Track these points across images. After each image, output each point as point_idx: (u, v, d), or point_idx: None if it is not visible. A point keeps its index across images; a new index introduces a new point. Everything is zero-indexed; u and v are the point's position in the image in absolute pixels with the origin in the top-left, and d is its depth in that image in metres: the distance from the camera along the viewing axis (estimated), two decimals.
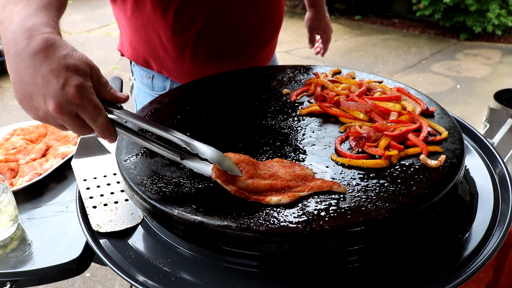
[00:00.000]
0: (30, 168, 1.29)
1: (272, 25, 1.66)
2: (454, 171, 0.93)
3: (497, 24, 6.71)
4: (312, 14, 2.03)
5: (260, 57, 1.68)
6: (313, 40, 2.10)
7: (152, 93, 1.70)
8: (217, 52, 1.55)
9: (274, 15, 1.64)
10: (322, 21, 2.03)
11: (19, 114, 5.16)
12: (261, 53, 1.67)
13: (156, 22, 1.46)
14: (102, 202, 1.05)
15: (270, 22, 1.63)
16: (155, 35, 1.50)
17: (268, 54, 1.73)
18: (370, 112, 1.12)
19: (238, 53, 1.59)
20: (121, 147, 1.09)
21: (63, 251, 1.03)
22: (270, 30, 1.65)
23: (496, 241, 0.90)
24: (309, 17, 2.05)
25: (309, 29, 2.08)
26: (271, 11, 1.61)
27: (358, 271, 0.85)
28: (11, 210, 1.09)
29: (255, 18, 1.56)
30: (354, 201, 0.85)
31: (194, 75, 1.56)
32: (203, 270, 0.88)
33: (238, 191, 0.86)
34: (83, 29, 8.18)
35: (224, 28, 1.51)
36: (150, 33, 1.50)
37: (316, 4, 2.01)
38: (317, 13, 2.02)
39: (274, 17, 1.64)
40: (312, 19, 2.04)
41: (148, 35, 1.51)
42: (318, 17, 2.02)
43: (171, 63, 1.56)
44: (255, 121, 1.18)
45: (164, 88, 1.67)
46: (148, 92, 1.71)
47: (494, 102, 2.61)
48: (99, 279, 2.81)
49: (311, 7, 2.02)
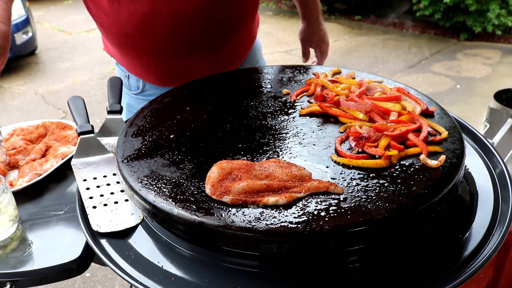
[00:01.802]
0: (30, 169, 1.29)
1: (229, 24, 1.55)
2: (454, 171, 0.93)
3: (497, 24, 6.71)
4: (305, 26, 1.91)
5: (222, 55, 1.60)
6: (306, 54, 1.97)
7: (129, 92, 1.71)
8: (166, 46, 1.49)
9: (231, 14, 1.53)
10: (315, 34, 1.90)
11: (19, 114, 5.16)
12: (220, 51, 1.58)
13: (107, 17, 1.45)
14: (102, 202, 1.05)
15: (225, 20, 1.53)
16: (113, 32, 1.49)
17: (233, 53, 1.65)
18: (370, 112, 1.12)
19: (191, 49, 1.52)
20: (121, 147, 1.09)
21: (63, 251, 1.03)
22: (224, 29, 1.55)
23: (496, 241, 0.90)
24: (302, 29, 1.93)
25: (301, 42, 1.96)
26: (225, 9, 1.50)
27: (358, 271, 0.85)
28: (11, 210, 1.09)
29: (204, 16, 1.46)
30: (354, 201, 0.85)
31: (156, 70, 1.55)
32: (203, 270, 0.88)
33: (234, 199, 0.86)
34: (83, 29, 8.18)
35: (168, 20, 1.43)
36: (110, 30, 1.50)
37: (310, 16, 1.88)
38: (310, 25, 1.90)
39: (230, 16, 1.54)
40: (305, 32, 1.92)
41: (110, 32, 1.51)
42: (311, 29, 1.90)
43: (130, 58, 1.56)
44: (255, 121, 1.18)
45: (138, 87, 1.67)
46: (126, 91, 1.73)
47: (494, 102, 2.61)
48: (99, 279, 2.81)
49: (304, 18, 1.90)
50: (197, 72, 1.55)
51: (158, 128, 1.17)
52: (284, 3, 9.87)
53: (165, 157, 1.04)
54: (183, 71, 1.56)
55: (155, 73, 1.60)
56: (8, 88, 5.94)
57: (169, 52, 1.51)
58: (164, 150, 1.06)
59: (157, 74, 1.61)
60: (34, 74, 6.42)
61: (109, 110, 1.36)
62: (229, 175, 0.91)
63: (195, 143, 1.09)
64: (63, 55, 7.12)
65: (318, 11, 1.89)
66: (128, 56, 1.58)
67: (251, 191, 0.87)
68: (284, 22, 8.50)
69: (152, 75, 1.62)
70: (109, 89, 1.42)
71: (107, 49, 1.71)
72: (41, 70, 6.55)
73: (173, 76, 1.59)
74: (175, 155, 1.04)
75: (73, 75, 6.31)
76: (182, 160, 1.02)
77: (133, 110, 1.72)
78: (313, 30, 1.90)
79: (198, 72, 1.55)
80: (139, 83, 1.67)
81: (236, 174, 0.91)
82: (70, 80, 6.13)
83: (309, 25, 1.90)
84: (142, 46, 1.50)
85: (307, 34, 1.92)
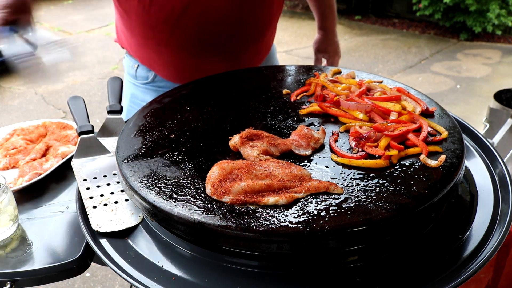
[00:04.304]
0: (30, 168, 1.29)
1: (255, 28, 1.58)
2: (454, 171, 0.93)
3: (497, 24, 6.71)
4: (321, 36, 1.97)
5: (243, 58, 1.62)
6: (319, 63, 2.03)
7: (135, 82, 1.71)
8: (192, 43, 1.51)
9: (258, 18, 1.57)
10: (330, 45, 1.96)
11: (19, 114, 5.16)
12: (242, 54, 1.61)
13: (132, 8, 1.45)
14: (102, 202, 1.05)
15: (252, 24, 1.56)
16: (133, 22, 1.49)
17: (253, 57, 1.67)
18: (370, 112, 1.12)
19: (215, 48, 1.54)
20: (121, 147, 1.09)
21: (63, 251, 1.03)
22: (251, 32, 1.58)
23: (496, 241, 0.90)
24: (317, 39, 1.98)
25: (315, 51, 2.01)
26: (254, 12, 1.54)
27: (358, 271, 0.85)
28: (11, 210, 1.09)
29: (234, 16, 1.49)
30: (354, 201, 0.85)
31: (175, 65, 1.54)
32: (203, 270, 0.88)
33: (235, 199, 0.86)
34: (83, 29, 8.18)
35: (200, 19, 1.45)
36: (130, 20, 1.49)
37: (327, 28, 1.94)
38: (326, 36, 1.96)
39: (258, 20, 1.58)
40: (320, 42, 1.97)
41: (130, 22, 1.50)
42: (326, 40, 1.96)
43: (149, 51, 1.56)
44: (255, 121, 1.18)
45: (147, 77, 1.67)
46: (131, 81, 1.72)
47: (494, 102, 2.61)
48: (99, 279, 2.81)
49: (320, 29, 1.96)
50: (212, 73, 1.55)
51: (158, 128, 1.17)
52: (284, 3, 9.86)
53: (165, 157, 1.04)
54: (200, 70, 1.55)
55: (173, 68, 1.60)
56: (8, 88, 5.94)
57: (193, 49, 1.52)
58: (164, 150, 1.06)
59: (174, 70, 1.60)
60: None
61: (109, 110, 1.36)
62: (229, 175, 0.91)
63: (195, 143, 1.09)
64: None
65: (335, 23, 1.94)
66: (148, 49, 1.57)
67: (251, 191, 0.87)
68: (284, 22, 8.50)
69: (168, 70, 1.61)
70: (109, 89, 1.42)
71: (120, 40, 1.70)
72: None
73: (189, 73, 1.59)
74: (175, 155, 1.04)
75: (73, 75, 6.31)
76: (182, 160, 1.02)
77: (136, 101, 1.72)
78: (328, 41, 1.96)
79: (215, 72, 1.55)
80: (149, 73, 1.66)
81: (236, 174, 0.91)
82: (70, 80, 6.13)
83: (325, 36, 1.96)
84: (167, 41, 1.50)
85: (322, 44, 1.98)
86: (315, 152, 1.03)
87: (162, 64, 1.60)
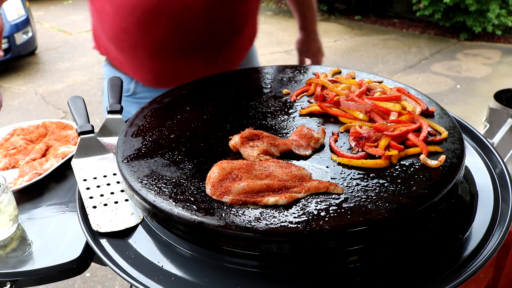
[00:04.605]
0: (30, 168, 1.29)
1: (231, 23, 1.55)
2: (454, 171, 0.93)
3: (497, 24, 6.71)
4: (302, 36, 1.97)
5: (221, 56, 1.59)
6: (302, 63, 2.01)
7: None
8: (168, 44, 1.48)
9: (235, 12, 1.54)
10: (312, 45, 1.96)
11: (19, 114, 5.16)
12: (220, 53, 1.58)
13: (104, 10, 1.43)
14: (102, 202, 1.05)
15: (229, 18, 1.53)
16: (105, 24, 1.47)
17: (232, 55, 1.65)
18: (370, 112, 1.12)
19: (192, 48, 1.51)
20: (121, 147, 1.09)
21: (63, 251, 1.03)
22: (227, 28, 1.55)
23: (496, 241, 0.90)
24: (299, 40, 1.99)
25: (298, 52, 2.01)
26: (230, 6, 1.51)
27: (358, 271, 0.85)
28: (11, 210, 1.09)
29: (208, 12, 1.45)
30: (354, 201, 0.85)
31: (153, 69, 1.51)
32: (203, 270, 0.88)
33: (235, 199, 0.86)
34: (83, 29, 8.18)
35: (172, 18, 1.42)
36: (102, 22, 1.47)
37: (307, 28, 1.94)
38: (307, 36, 1.96)
39: (234, 14, 1.54)
40: (302, 42, 1.98)
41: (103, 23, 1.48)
42: (308, 40, 1.96)
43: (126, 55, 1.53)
44: (255, 121, 1.18)
45: (129, 89, 1.63)
46: None
47: (494, 102, 2.61)
48: (99, 279, 2.81)
49: (301, 29, 1.96)
50: (194, 74, 1.53)
51: (158, 128, 1.17)
52: (284, 3, 9.86)
53: (165, 157, 1.04)
54: (180, 72, 1.54)
55: (151, 72, 1.57)
56: (8, 88, 5.94)
57: (170, 51, 1.49)
58: (164, 150, 1.06)
59: (152, 74, 1.58)
60: (34, 74, 6.42)
61: (109, 110, 1.36)
62: (229, 175, 0.91)
63: (195, 143, 1.09)
64: (63, 55, 7.12)
65: (315, 23, 1.94)
66: (124, 53, 1.54)
67: (251, 191, 0.87)
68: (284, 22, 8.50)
69: (147, 75, 1.59)
70: (109, 89, 1.42)
71: (98, 46, 1.66)
72: (41, 70, 6.55)
73: (169, 77, 1.57)
74: (175, 155, 1.04)
75: (73, 75, 6.31)
76: (182, 160, 1.02)
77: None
78: (309, 40, 1.96)
79: (195, 74, 1.54)
80: (131, 85, 1.64)
81: (236, 174, 0.91)
82: (70, 80, 6.13)
83: (306, 36, 1.96)
84: (141, 43, 1.47)
85: (304, 44, 1.97)
86: (315, 152, 1.03)
87: (140, 68, 1.57)
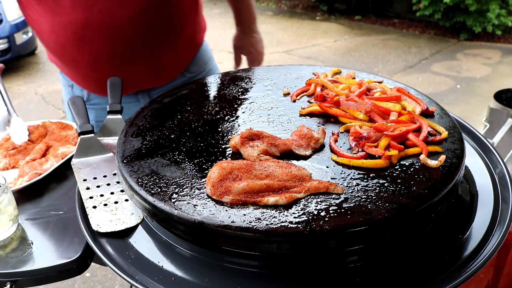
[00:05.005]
0: (30, 168, 1.29)
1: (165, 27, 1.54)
2: (454, 171, 0.93)
3: (497, 24, 6.72)
4: (238, 32, 1.92)
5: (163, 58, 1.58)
6: (237, 60, 1.96)
7: None
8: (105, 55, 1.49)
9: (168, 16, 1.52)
10: (246, 41, 1.90)
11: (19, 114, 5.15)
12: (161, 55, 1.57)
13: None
14: (102, 202, 1.05)
15: (162, 24, 1.52)
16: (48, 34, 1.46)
17: (175, 56, 1.64)
18: (370, 112, 1.12)
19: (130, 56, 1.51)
20: (121, 147, 1.09)
21: (63, 251, 1.03)
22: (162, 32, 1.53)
23: (496, 241, 0.90)
24: (234, 36, 1.93)
25: (233, 48, 1.96)
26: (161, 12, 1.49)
27: (358, 271, 0.85)
28: (11, 210, 1.09)
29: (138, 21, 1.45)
30: (354, 201, 0.85)
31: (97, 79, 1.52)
32: (203, 270, 0.88)
33: (235, 199, 0.86)
34: None
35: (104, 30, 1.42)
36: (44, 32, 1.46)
37: (242, 23, 1.89)
38: (242, 32, 1.90)
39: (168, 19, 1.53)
40: (237, 38, 1.93)
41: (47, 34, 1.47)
42: (243, 36, 1.90)
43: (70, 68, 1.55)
44: (255, 121, 1.18)
45: (83, 96, 1.63)
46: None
47: (494, 102, 2.61)
48: (99, 279, 2.81)
49: (237, 25, 1.91)
50: (138, 80, 1.52)
51: (158, 128, 1.17)
52: (284, 3, 9.87)
53: (165, 157, 1.04)
54: (123, 79, 1.52)
55: (95, 83, 1.59)
56: (8, 88, 5.92)
57: (107, 61, 1.51)
58: (164, 150, 1.06)
59: (96, 84, 1.59)
60: (34, 74, 6.42)
61: (109, 110, 1.36)
62: (229, 175, 0.91)
63: (195, 143, 1.09)
64: None
65: (252, 19, 1.88)
66: (68, 66, 1.57)
67: (251, 191, 0.87)
68: (284, 22, 8.50)
69: (93, 85, 1.61)
70: (109, 89, 1.42)
71: (50, 58, 1.67)
72: (41, 70, 6.54)
73: None
74: (175, 155, 1.04)
75: None
76: (182, 160, 1.02)
77: None
78: (243, 36, 1.91)
79: (138, 79, 1.53)
80: (84, 92, 1.65)
81: (237, 174, 0.91)
82: None
83: (241, 32, 1.91)
84: (79, 56, 1.49)
85: (238, 40, 1.93)
86: (315, 152, 1.03)
87: (85, 79, 1.59)
